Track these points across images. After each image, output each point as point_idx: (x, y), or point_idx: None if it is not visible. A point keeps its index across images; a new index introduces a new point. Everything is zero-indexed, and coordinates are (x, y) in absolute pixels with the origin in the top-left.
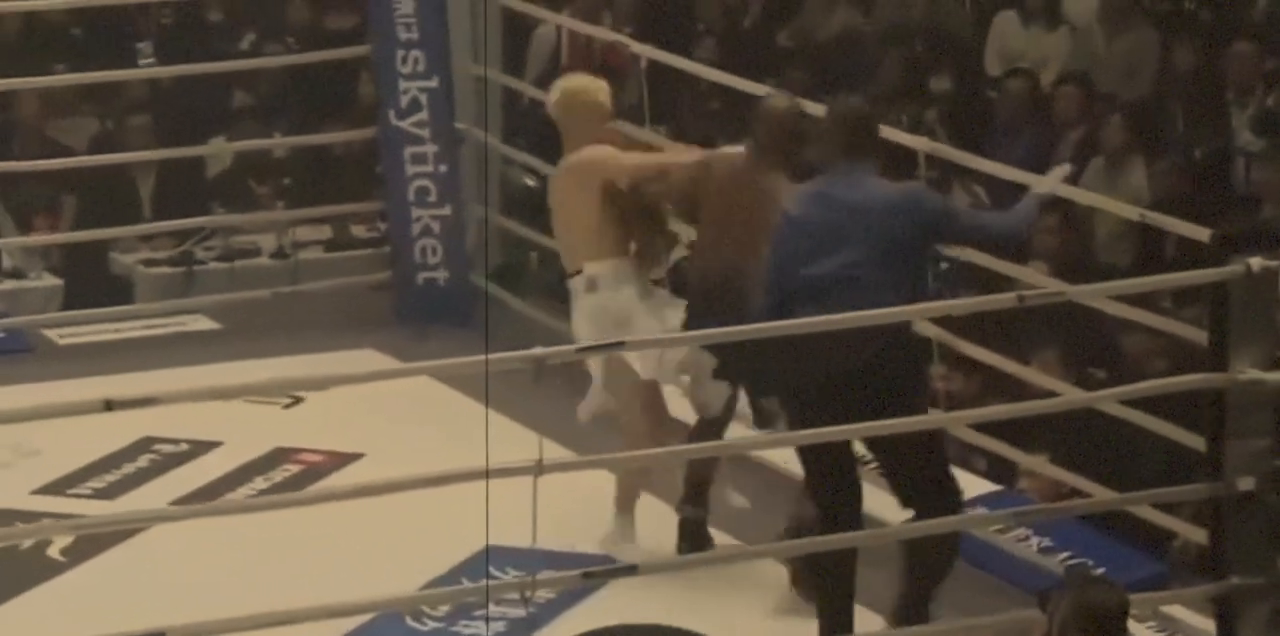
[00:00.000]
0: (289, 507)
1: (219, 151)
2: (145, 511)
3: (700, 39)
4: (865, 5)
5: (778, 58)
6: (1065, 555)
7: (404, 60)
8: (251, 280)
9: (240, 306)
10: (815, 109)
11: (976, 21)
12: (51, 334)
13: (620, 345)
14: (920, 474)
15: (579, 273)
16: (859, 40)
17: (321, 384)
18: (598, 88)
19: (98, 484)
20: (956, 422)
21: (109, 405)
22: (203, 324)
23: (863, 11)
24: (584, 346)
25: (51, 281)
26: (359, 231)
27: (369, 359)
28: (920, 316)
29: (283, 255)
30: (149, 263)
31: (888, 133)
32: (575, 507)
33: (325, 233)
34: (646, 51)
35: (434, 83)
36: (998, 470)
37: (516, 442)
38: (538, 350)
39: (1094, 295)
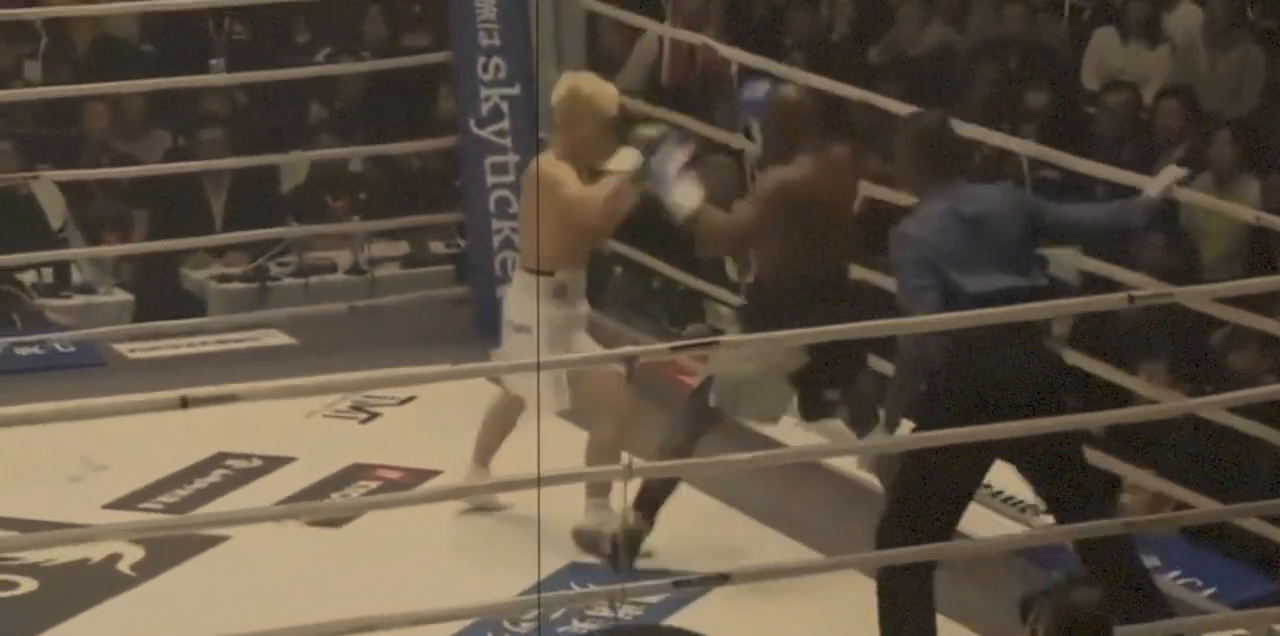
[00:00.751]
0: (363, 512)
1: (294, 161)
2: (217, 513)
3: (789, 53)
4: (959, 21)
5: (868, 72)
6: (1174, 574)
7: (485, 67)
8: (327, 296)
9: (316, 321)
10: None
11: (1074, 37)
12: (123, 348)
13: (714, 344)
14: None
15: (548, 274)
16: (952, 55)
17: (402, 381)
18: (606, 95)
19: (169, 498)
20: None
21: (184, 402)
22: (277, 339)
23: (956, 27)
24: (678, 344)
25: (122, 297)
26: (436, 247)
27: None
28: (1033, 316)
29: (359, 270)
30: (221, 278)
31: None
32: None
33: (402, 248)
34: (735, 55)
35: (516, 90)
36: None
37: None
38: (629, 348)
39: (1204, 296)
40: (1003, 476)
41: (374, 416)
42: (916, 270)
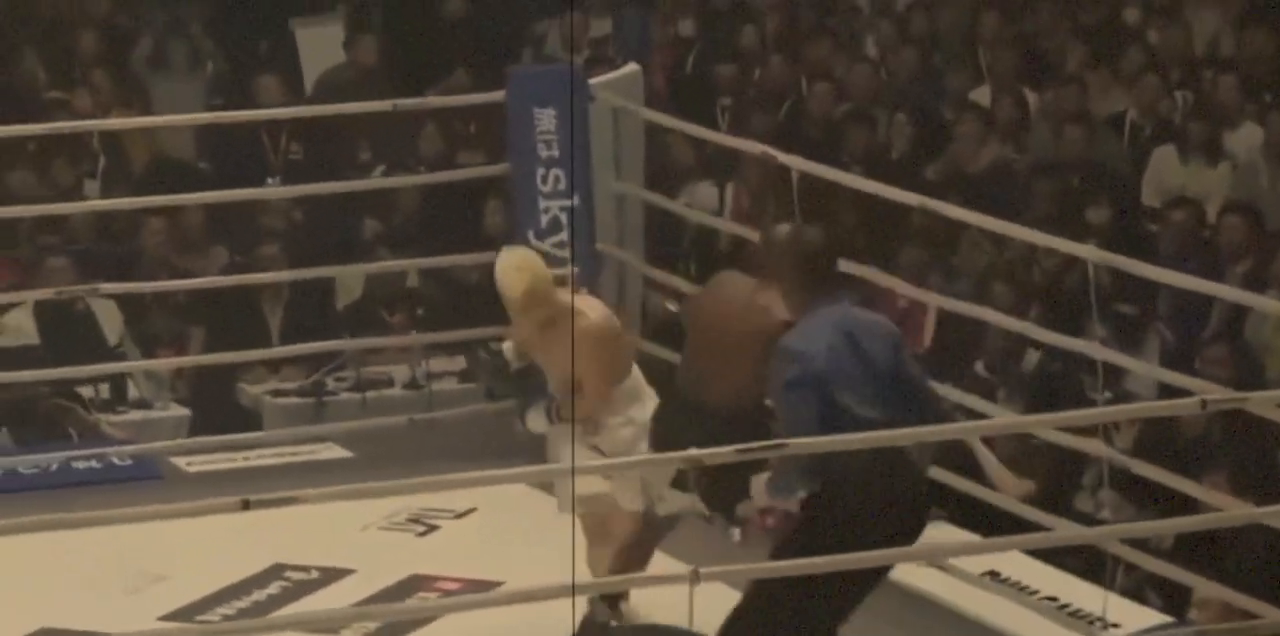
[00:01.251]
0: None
1: (350, 274)
2: (283, 616)
3: (847, 170)
4: (1017, 139)
5: (926, 189)
6: None
7: (544, 179)
8: (384, 411)
9: (374, 435)
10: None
11: (1134, 156)
12: (180, 461)
13: (782, 445)
14: None
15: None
16: (1010, 173)
17: (463, 483)
18: (518, 281)
19: (227, 610)
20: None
21: (246, 504)
22: (334, 452)
23: (1014, 145)
24: (744, 447)
25: (179, 412)
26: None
27: (506, 488)
28: (1108, 419)
29: (416, 385)
30: (277, 393)
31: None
32: None
33: (459, 363)
34: (796, 162)
35: (575, 202)
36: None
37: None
38: (695, 452)
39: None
40: (1069, 587)
41: (432, 529)
42: (801, 389)
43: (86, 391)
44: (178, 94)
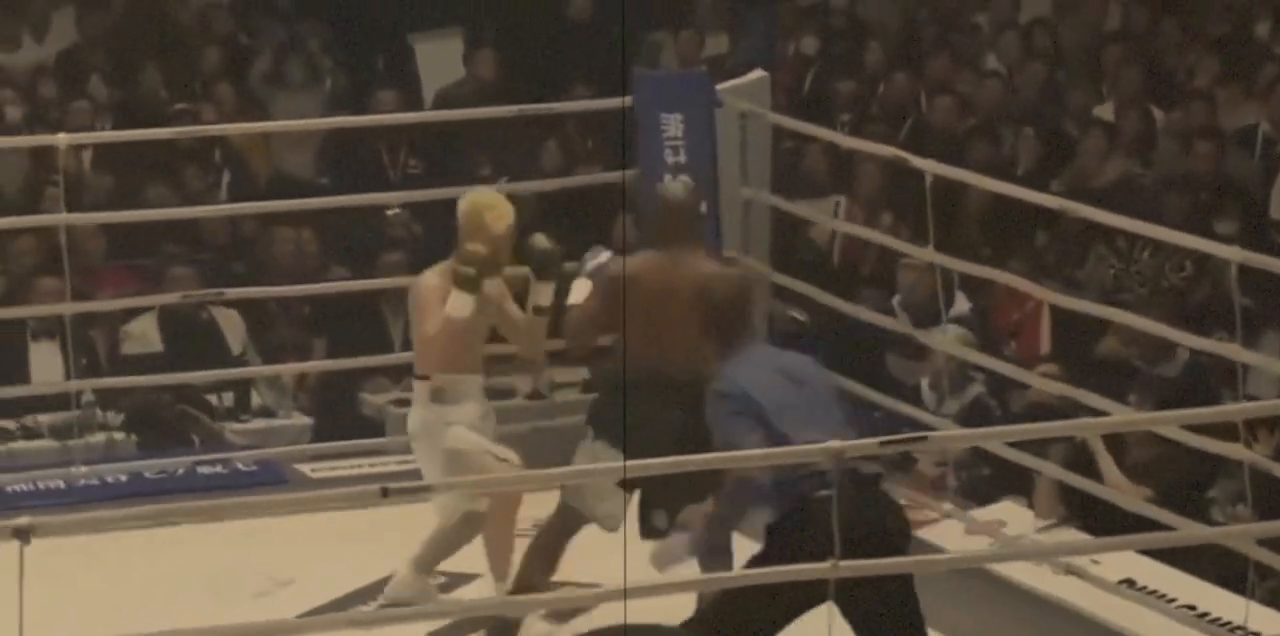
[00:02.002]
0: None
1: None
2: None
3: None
4: (1142, 154)
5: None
6: None
7: None
8: (507, 420)
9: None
10: None
11: (1265, 169)
12: (304, 468)
13: (923, 438)
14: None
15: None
16: (1136, 188)
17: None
18: (496, 214)
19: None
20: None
21: (385, 491)
22: None
23: (1140, 160)
24: (888, 439)
25: (301, 420)
26: None
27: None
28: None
29: (539, 396)
30: (400, 402)
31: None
32: None
33: (580, 374)
34: (929, 166)
35: (701, 209)
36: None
37: None
38: (837, 443)
39: None
40: (1208, 596)
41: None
42: (743, 425)
43: (211, 399)
44: (296, 110)
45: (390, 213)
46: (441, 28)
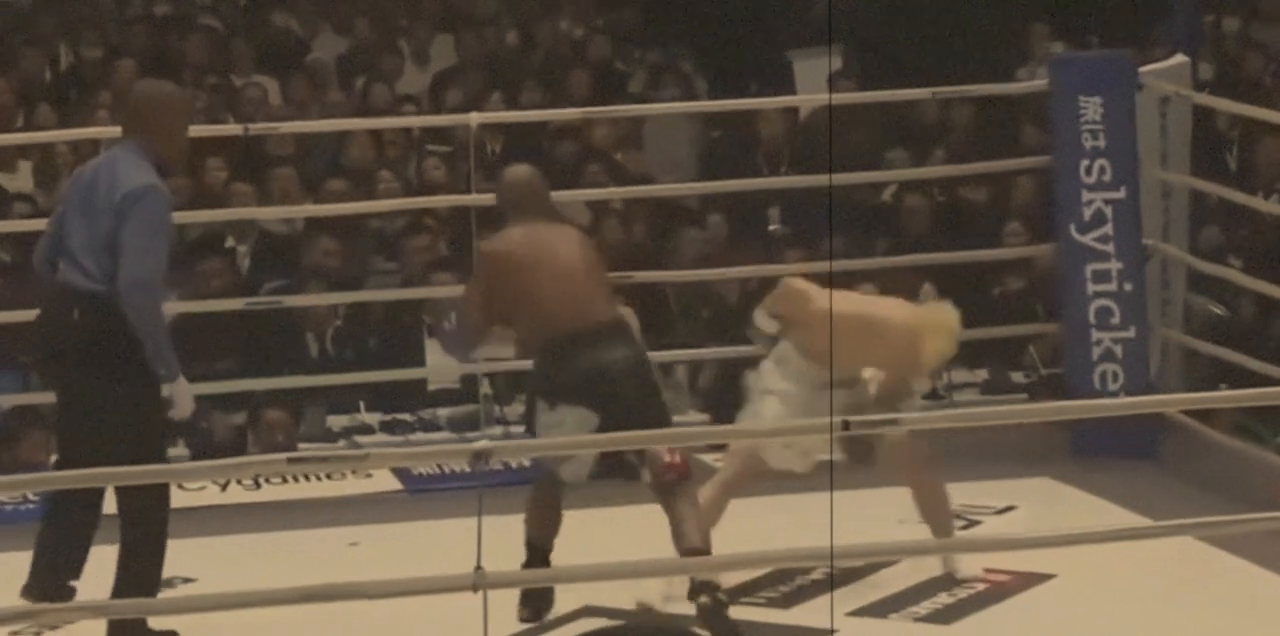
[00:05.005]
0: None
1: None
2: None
3: None
4: None
5: None
6: None
7: (1088, 170)
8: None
9: None
10: None
11: None
12: (705, 457)
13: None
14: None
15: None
16: None
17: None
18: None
19: (770, 593)
20: None
21: (846, 425)
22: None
23: None
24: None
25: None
26: (1017, 377)
27: (1047, 488)
28: None
29: (937, 396)
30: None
31: None
32: None
33: (980, 376)
34: None
35: (1120, 194)
36: None
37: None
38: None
39: None
40: None
41: (973, 524)
42: None
43: None
44: (669, 127)
45: (772, 229)
46: (820, 45)
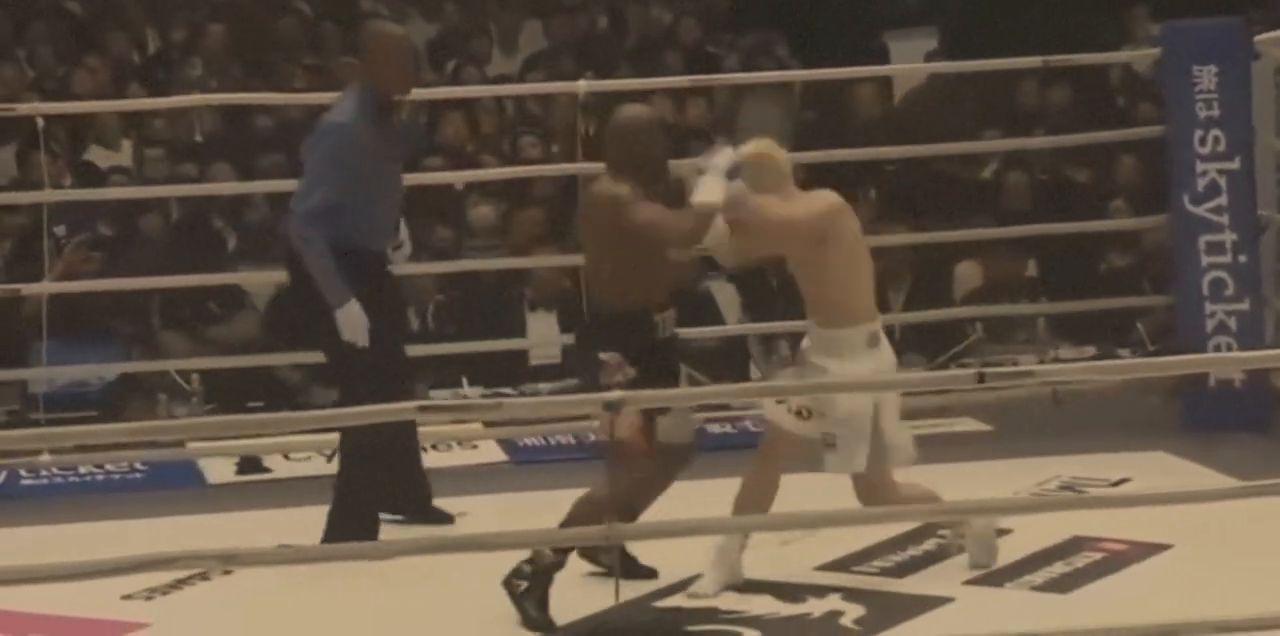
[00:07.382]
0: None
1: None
2: None
3: None
4: None
5: None
6: None
7: (1202, 140)
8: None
9: (1014, 410)
10: None
11: None
12: None
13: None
14: None
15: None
16: None
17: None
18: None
19: (883, 563)
20: None
21: (981, 378)
22: (969, 426)
23: None
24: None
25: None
26: (1124, 354)
27: (1162, 462)
28: None
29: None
30: None
31: None
32: None
33: (1088, 353)
34: None
35: (1235, 164)
36: None
37: None
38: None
39: None
40: None
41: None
42: None
43: None
44: (764, 109)
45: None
46: (916, 26)
